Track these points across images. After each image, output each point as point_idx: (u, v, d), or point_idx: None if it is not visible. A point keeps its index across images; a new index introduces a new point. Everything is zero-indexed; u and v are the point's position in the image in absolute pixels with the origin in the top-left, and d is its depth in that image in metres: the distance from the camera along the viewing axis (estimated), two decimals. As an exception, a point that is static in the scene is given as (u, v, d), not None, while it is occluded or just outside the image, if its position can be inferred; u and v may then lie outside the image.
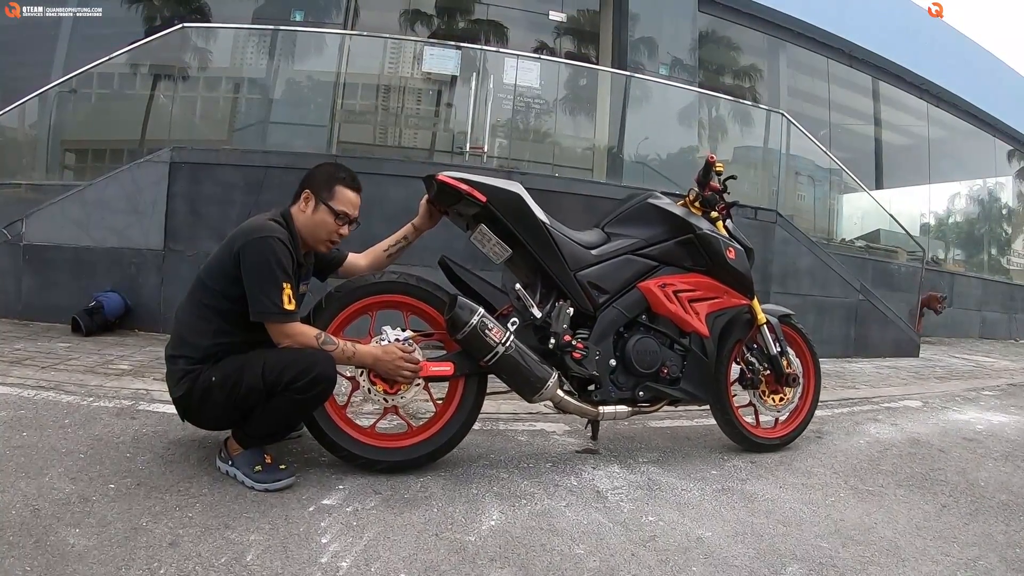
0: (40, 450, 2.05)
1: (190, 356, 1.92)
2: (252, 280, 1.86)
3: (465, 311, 2.00)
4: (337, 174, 2.06)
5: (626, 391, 2.37)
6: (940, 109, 10.55)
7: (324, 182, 2.03)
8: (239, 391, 1.86)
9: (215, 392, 1.87)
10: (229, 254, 1.90)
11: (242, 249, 1.87)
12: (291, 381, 1.83)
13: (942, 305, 7.41)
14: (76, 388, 2.82)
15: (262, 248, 1.87)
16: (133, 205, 4.41)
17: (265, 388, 1.84)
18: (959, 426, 3.51)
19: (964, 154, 11.30)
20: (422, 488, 2.02)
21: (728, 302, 2.58)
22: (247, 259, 1.86)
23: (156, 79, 5.77)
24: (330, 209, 2.02)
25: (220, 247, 1.98)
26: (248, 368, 1.86)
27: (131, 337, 4.19)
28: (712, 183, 2.63)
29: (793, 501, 2.17)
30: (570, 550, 1.69)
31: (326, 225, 2.03)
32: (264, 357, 1.88)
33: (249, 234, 1.90)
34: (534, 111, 6.72)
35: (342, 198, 2.04)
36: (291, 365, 1.84)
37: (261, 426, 1.94)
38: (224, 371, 1.88)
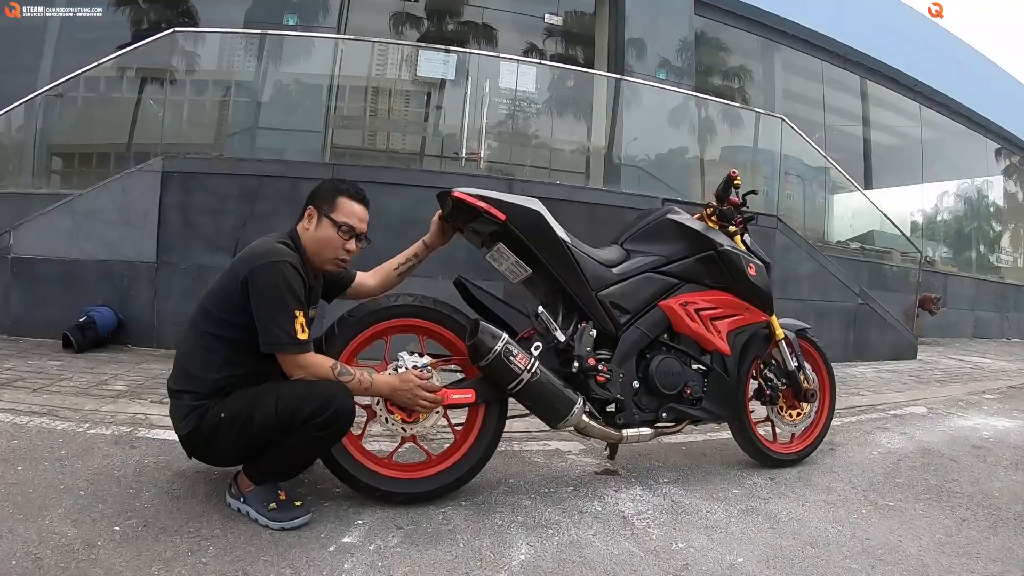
0: (37, 487, 1.92)
1: (196, 391, 1.81)
2: (262, 309, 1.75)
3: (488, 337, 1.92)
4: (339, 186, 1.96)
5: (649, 413, 2.31)
6: (932, 110, 10.63)
7: (326, 195, 1.93)
8: (251, 429, 1.75)
9: (225, 429, 1.76)
10: (235, 281, 1.79)
11: (250, 276, 1.76)
12: (308, 418, 1.72)
13: (937, 306, 7.47)
14: (71, 413, 2.70)
15: (272, 274, 1.76)
16: (124, 216, 4.27)
17: (280, 426, 1.73)
18: (966, 433, 3.53)
19: (955, 154, 11.41)
20: (444, 520, 1.93)
21: (748, 319, 2.53)
22: (256, 286, 1.75)
23: (145, 84, 5.62)
24: (332, 222, 1.89)
25: (224, 272, 1.88)
26: (260, 404, 1.75)
27: (124, 353, 4.06)
28: (731, 198, 2.58)
29: (818, 520, 2.15)
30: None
31: (330, 241, 1.90)
32: (277, 391, 1.78)
33: (257, 259, 1.79)
34: (530, 116, 6.65)
35: (344, 209, 1.92)
36: (307, 400, 1.74)
37: (275, 464, 1.83)
38: (234, 407, 1.77)
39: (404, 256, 2.25)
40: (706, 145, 7.49)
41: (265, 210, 4.42)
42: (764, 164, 7.54)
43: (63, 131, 5.68)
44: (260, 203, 4.40)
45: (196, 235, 4.35)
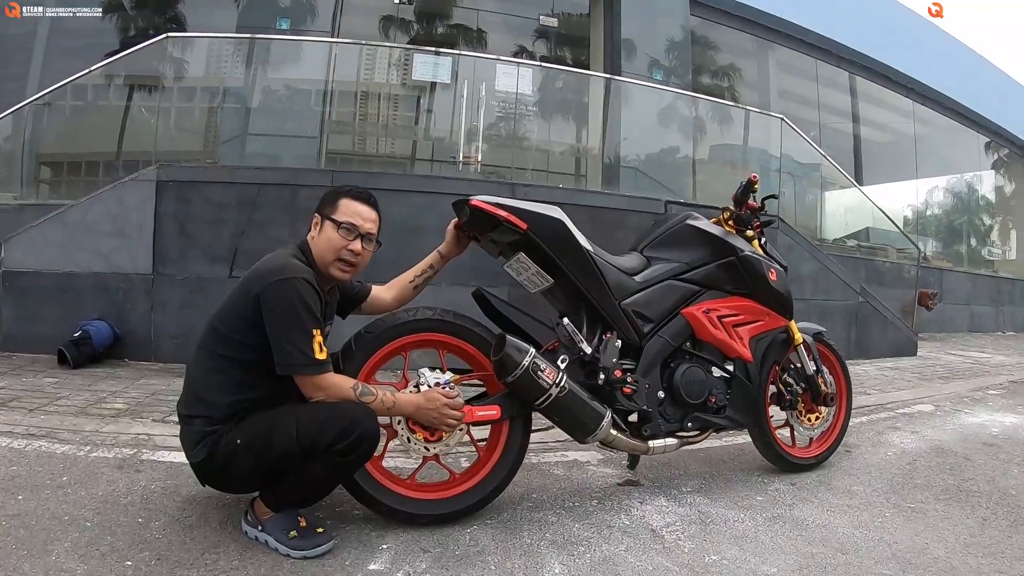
0: (40, 519, 1.82)
1: (208, 416, 1.71)
2: (277, 328, 1.66)
3: (515, 352, 1.86)
4: (341, 189, 1.89)
5: (674, 423, 2.26)
6: (925, 107, 10.70)
7: (328, 199, 1.86)
8: (269, 455, 1.67)
9: (241, 456, 1.68)
10: (246, 298, 1.70)
11: (262, 294, 1.67)
12: (331, 443, 1.64)
13: (933, 302, 7.51)
14: (70, 435, 2.59)
15: (286, 291, 1.67)
16: (119, 227, 4.15)
17: (300, 452, 1.65)
18: (975, 430, 3.56)
19: (946, 149, 11.50)
20: (472, 541, 1.86)
21: (769, 324, 2.51)
22: (269, 305, 1.66)
23: (136, 91, 5.50)
24: (333, 222, 1.81)
25: (235, 289, 1.79)
26: (278, 429, 1.67)
27: (121, 368, 3.94)
28: (750, 202, 2.54)
29: (843, 526, 2.14)
30: (645, 605, 1.59)
31: (332, 242, 1.80)
32: (297, 416, 1.69)
33: (269, 276, 1.70)
34: (526, 119, 6.60)
35: (345, 209, 1.83)
36: (329, 424, 1.65)
37: (295, 491, 1.75)
38: (250, 432, 1.68)
39: (419, 268, 2.18)
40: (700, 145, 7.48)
41: (264, 219, 4.32)
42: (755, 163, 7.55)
43: (51, 140, 5.54)
44: (259, 212, 4.30)
45: (193, 245, 4.25)
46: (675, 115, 7.24)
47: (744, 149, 7.71)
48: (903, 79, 10.22)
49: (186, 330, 4.22)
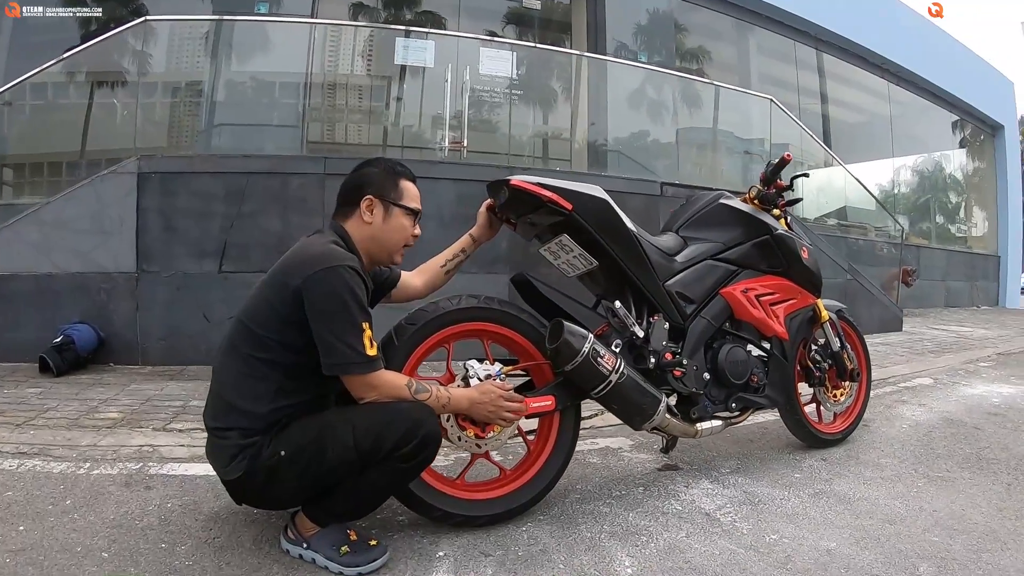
0: (49, 552, 1.59)
1: (246, 428, 1.53)
2: (325, 324, 1.49)
3: (576, 338, 1.76)
4: (395, 168, 1.76)
5: (719, 404, 2.23)
6: (900, 87, 10.93)
7: (386, 181, 1.72)
8: (321, 466, 1.50)
9: (286, 470, 1.51)
10: (285, 292, 1.52)
11: (305, 285, 1.50)
12: (395, 447, 1.50)
13: (912, 278, 7.70)
14: (66, 451, 2.36)
15: (332, 281, 1.50)
16: (98, 224, 3.90)
17: (360, 460, 1.50)
18: (977, 401, 3.68)
19: (919, 129, 11.77)
20: (531, 540, 1.76)
21: (802, 302, 2.50)
22: (315, 298, 1.49)
23: (103, 84, 5.17)
24: (405, 209, 1.72)
25: (266, 283, 1.60)
26: (332, 436, 1.51)
27: (108, 373, 3.71)
28: (778, 181, 2.51)
29: (884, 497, 2.17)
30: (724, 589, 1.55)
31: (404, 229, 1.72)
32: (351, 419, 1.53)
33: (312, 264, 1.52)
34: (511, 102, 6.48)
35: (411, 193, 1.74)
36: (392, 427, 1.51)
37: (348, 503, 1.59)
38: (296, 442, 1.51)
39: (451, 252, 2.06)
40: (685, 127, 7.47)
41: (254, 210, 4.13)
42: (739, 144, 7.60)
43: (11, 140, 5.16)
44: (248, 202, 4.10)
45: (179, 240, 4.02)
46: (660, 97, 7.22)
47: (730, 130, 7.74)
48: (879, 59, 10.40)
49: (174, 331, 4.03)
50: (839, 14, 9.72)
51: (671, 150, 7.10)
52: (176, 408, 2.97)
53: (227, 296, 4.06)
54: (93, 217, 3.90)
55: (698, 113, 7.33)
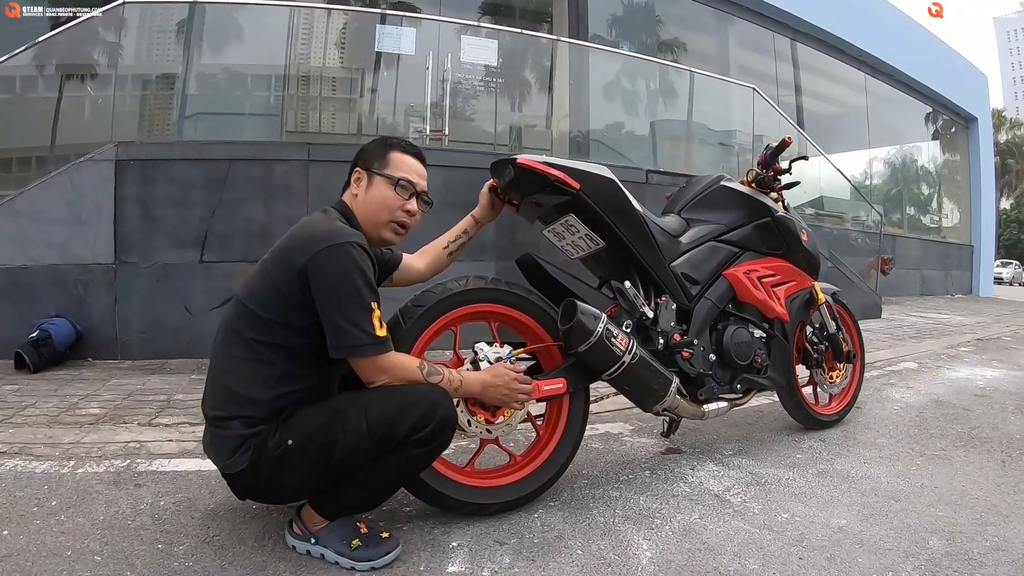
0: (38, 558, 1.47)
1: (248, 416, 1.44)
2: (332, 304, 1.42)
3: (590, 318, 1.73)
4: (389, 140, 1.68)
5: (724, 385, 2.22)
6: (876, 79, 11.10)
7: (374, 153, 1.65)
8: (331, 455, 1.42)
9: (294, 460, 1.42)
10: (289, 273, 1.43)
11: (311, 264, 1.41)
12: (411, 432, 1.43)
13: (889, 266, 7.85)
14: (48, 450, 2.24)
15: (341, 260, 1.42)
16: (75, 214, 3.74)
17: (374, 447, 1.43)
18: (963, 383, 3.76)
19: (894, 120, 11.99)
20: (545, 527, 1.73)
21: (801, 284, 2.53)
22: (320, 277, 1.41)
23: (73, 76, 4.94)
24: (387, 178, 1.60)
25: (268, 262, 1.50)
26: (343, 422, 1.43)
27: (87, 369, 3.58)
28: (776, 164, 2.51)
29: (885, 475, 2.20)
30: (744, 567, 1.54)
31: (387, 201, 1.60)
32: (363, 404, 1.45)
33: (316, 242, 1.43)
34: (492, 91, 6.42)
35: (399, 164, 1.63)
36: (406, 411, 1.44)
37: (359, 494, 1.52)
38: (303, 430, 1.43)
39: (453, 233, 2.00)
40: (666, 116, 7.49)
41: (236, 198, 4.01)
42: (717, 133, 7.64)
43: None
44: (230, 190, 3.98)
45: (158, 230, 3.89)
46: (641, 86, 7.22)
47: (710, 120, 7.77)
48: (857, 52, 10.53)
49: (154, 324, 3.90)
50: (818, 6, 9.84)
51: (649, 140, 7.12)
52: (161, 402, 2.88)
53: (209, 287, 3.96)
54: (69, 206, 3.74)
55: (680, 102, 7.34)
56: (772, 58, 9.73)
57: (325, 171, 4.21)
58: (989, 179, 12.53)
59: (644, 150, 7.26)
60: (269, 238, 4.02)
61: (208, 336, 1.64)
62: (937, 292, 10.44)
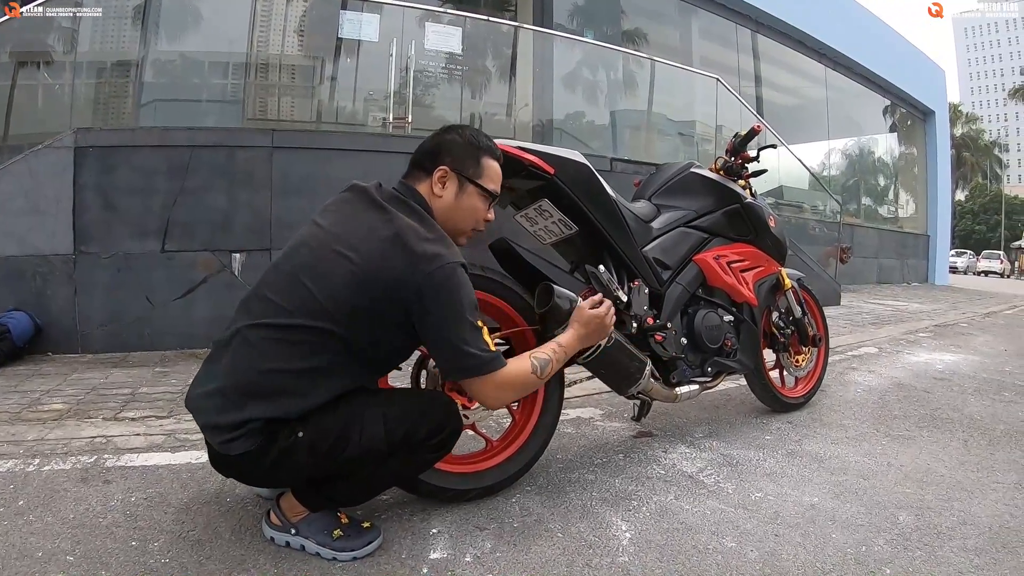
0: (8, 560, 1.41)
1: (280, 418, 1.35)
2: (446, 328, 1.36)
3: (566, 301, 1.74)
4: (480, 142, 1.57)
5: (696, 368, 2.27)
6: (836, 72, 11.35)
7: (466, 154, 1.54)
8: (343, 454, 1.38)
9: (301, 453, 1.36)
10: (394, 291, 1.35)
11: (425, 285, 1.34)
12: (427, 437, 1.44)
13: (847, 255, 8.08)
14: (12, 447, 2.15)
15: (461, 283, 1.37)
16: (32, 203, 3.59)
17: (388, 449, 1.41)
18: (923, 367, 3.90)
19: (853, 112, 12.29)
20: (523, 511, 1.75)
21: (769, 270, 2.59)
22: (437, 299, 1.35)
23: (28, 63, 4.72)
24: (481, 190, 1.55)
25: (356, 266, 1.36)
26: (359, 425, 1.38)
27: (47, 363, 3.45)
28: (745, 152, 2.56)
29: (853, 455, 2.28)
30: (722, 545, 1.59)
31: (476, 212, 1.56)
32: (381, 409, 1.42)
33: (430, 260, 1.35)
34: (456, 79, 6.38)
35: (492, 173, 1.57)
36: (423, 418, 1.44)
37: (354, 490, 1.50)
38: (318, 428, 1.36)
39: None
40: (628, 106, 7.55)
41: (198, 185, 3.90)
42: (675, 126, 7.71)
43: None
44: (192, 177, 3.87)
45: (119, 219, 3.76)
46: (606, 75, 7.26)
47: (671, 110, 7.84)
48: (817, 44, 10.75)
49: (115, 316, 3.78)
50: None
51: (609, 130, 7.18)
52: (125, 396, 2.79)
53: (170, 276, 3.86)
54: (26, 196, 3.59)
55: (642, 92, 7.41)
56: (734, 50, 9.87)
57: (288, 157, 4.14)
58: (945, 171, 12.96)
59: (605, 139, 7.31)
60: (232, 226, 4.00)
61: (170, 326, 1.59)
62: (894, 280, 10.78)
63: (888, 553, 1.57)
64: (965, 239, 45.07)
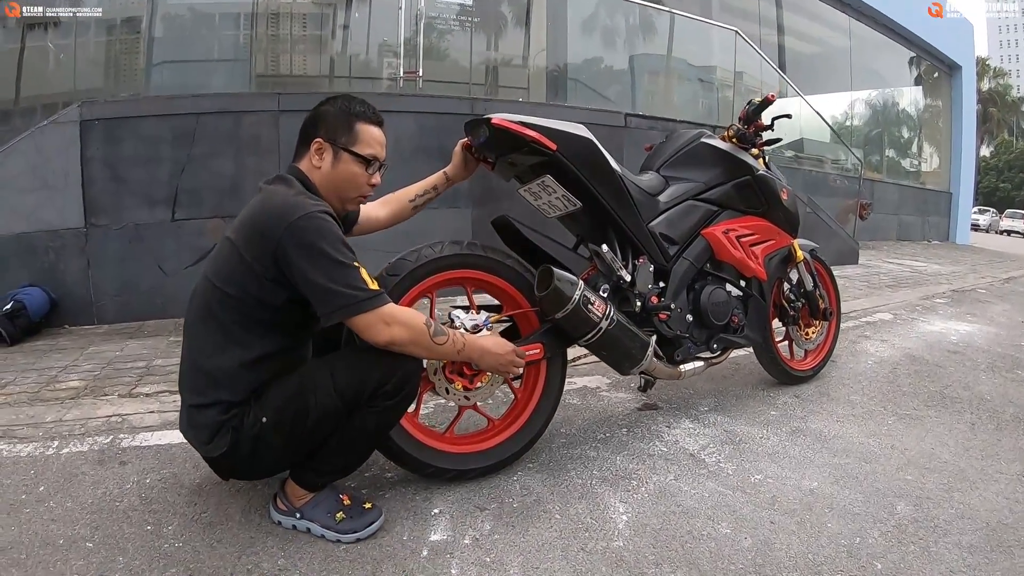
0: (31, 549, 1.46)
1: (227, 401, 1.44)
2: (315, 272, 1.37)
3: (567, 285, 1.72)
4: (352, 108, 1.57)
5: (701, 345, 2.25)
6: (860, 22, 10.81)
7: (338, 123, 1.55)
8: (305, 424, 1.42)
9: (270, 435, 1.42)
10: (262, 249, 1.40)
11: (286, 238, 1.37)
12: (377, 386, 1.43)
13: (868, 212, 7.89)
14: (31, 430, 2.20)
15: (318, 228, 1.38)
16: (41, 179, 3.60)
17: (344, 406, 1.43)
18: (936, 338, 3.79)
19: (876, 64, 11.77)
20: (524, 490, 1.78)
21: (779, 243, 2.53)
22: (297, 248, 1.37)
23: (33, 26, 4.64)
24: (355, 156, 1.55)
25: (234, 240, 1.46)
26: (312, 388, 1.43)
27: (64, 337, 3.52)
28: (758, 121, 2.47)
29: (857, 435, 2.25)
30: (717, 531, 1.60)
31: (355, 178, 1.56)
32: (329, 368, 1.46)
33: (287, 214, 1.39)
34: (468, 28, 6.18)
35: (367, 137, 1.56)
36: (372, 367, 1.44)
37: (338, 458, 1.52)
38: (276, 405, 1.43)
39: (422, 187, 1.96)
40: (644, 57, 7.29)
41: (205, 152, 3.90)
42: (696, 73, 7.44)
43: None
44: (199, 145, 3.86)
45: (128, 191, 3.77)
46: (618, 26, 6.99)
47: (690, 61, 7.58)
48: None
49: (129, 286, 3.84)
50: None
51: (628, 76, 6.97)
52: (140, 370, 2.85)
53: (182, 245, 3.90)
54: (35, 172, 3.60)
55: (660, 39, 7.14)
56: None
57: (295, 121, 4.03)
58: (970, 127, 12.42)
59: (623, 85, 7.10)
60: (240, 193, 3.99)
61: (183, 295, 1.62)
62: (914, 238, 10.51)
63: (882, 546, 1.56)
64: (989, 196, 43.58)
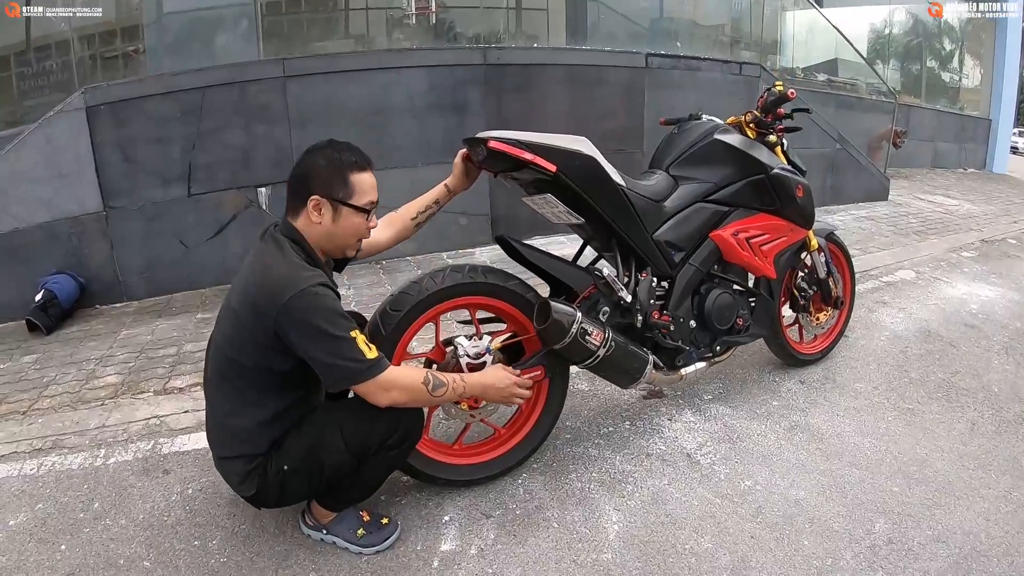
0: (95, 571, 1.63)
1: (249, 454, 1.59)
2: (315, 347, 1.45)
3: (563, 319, 1.77)
4: (342, 159, 1.57)
5: (704, 348, 2.29)
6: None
7: (332, 177, 1.56)
8: (323, 471, 1.59)
9: (292, 480, 1.59)
10: (263, 325, 1.47)
11: (282, 318, 1.44)
12: (382, 441, 1.59)
13: (902, 140, 7.51)
14: (78, 439, 2.31)
15: (312, 306, 1.44)
16: (55, 168, 3.64)
17: (353, 458, 1.59)
18: (956, 307, 3.64)
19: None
20: (527, 495, 1.93)
21: (792, 239, 2.47)
22: (294, 327, 1.45)
23: None
24: (355, 209, 1.58)
25: (237, 313, 1.54)
26: (324, 444, 1.57)
27: (96, 320, 3.66)
28: (778, 110, 2.36)
29: (853, 434, 2.29)
30: (699, 545, 1.72)
31: (358, 228, 1.62)
32: (338, 425, 1.58)
33: (280, 294, 1.44)
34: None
35: (362, 187, 1.59)
36: (375, 425, 1.57)
37: (353, 491, 1.72)
38: (294, 455, 1.58)
39: (423, 202, 1.98)
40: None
41: (214, 126, 3.90)
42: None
43: None
44: (207, 119, 3.85)
45: (142, 171, 3.81)
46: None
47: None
48: None
49: (153, 262, 3.97)
50: None
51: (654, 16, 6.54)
52: (171, 359, 2.99)
53: (200, 219, 3.99)
54: (48, 162, 3.64)
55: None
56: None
57: (301, 85, 4.06)
58: (1015, 49, 11.34)
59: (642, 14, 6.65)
60: (253, 162, 4.03)
61: (208, 265, 1.74)
62: (950, 165, 9.95)
63: (851, 569, 1.64)
64: (1030, 115, 40.33)
